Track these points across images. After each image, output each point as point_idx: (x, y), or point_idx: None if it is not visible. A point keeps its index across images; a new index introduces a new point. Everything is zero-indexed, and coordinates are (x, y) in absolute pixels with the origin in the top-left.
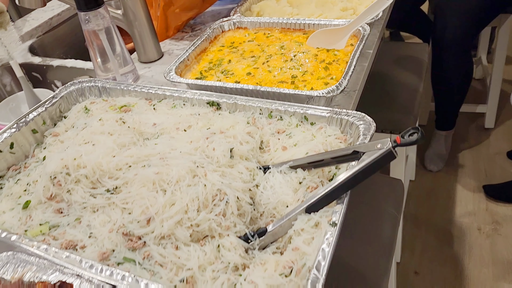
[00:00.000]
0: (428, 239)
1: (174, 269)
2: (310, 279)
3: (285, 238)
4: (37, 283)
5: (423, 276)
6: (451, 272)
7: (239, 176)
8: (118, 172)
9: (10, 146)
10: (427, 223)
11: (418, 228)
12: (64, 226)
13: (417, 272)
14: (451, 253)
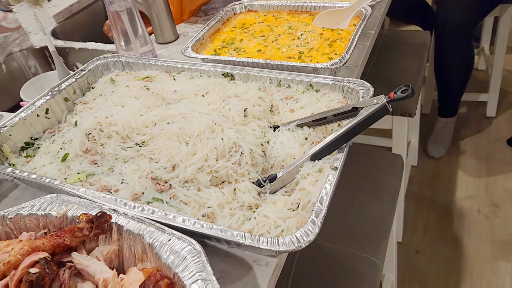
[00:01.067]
0: (429, 220)
1: (196, 206)
2: (314, 211)
3: (292, 184)
4: (80, 215)
5: (424, 254)
6: (451, 251)
7: (252, 133)
8: (145, 129)
9: (45, 111)
10: (428, 205)
11: (419, 210)
12: (99, 174)
13: (418, 251)
14: (451, 233)
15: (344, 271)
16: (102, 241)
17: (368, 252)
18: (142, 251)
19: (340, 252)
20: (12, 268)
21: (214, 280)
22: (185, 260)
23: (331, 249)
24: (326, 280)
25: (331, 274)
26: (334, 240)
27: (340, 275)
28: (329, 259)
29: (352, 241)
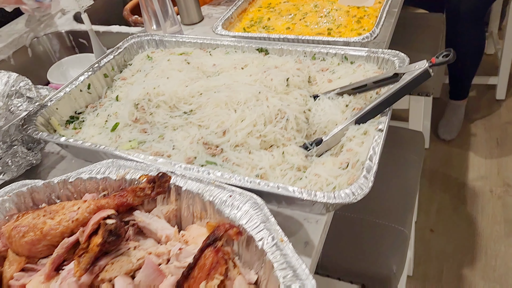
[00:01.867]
0: (443, 201)
1: (249, 168)
2: (365, 167)
3: (337, 147)
4: (141, 176)
5: (438, 233)
6: (465, 230)
7: (295, 101)
8: (191, 99)
9: (88, 86)
10: (441, 186)
11: (433, 191)
12: (150, 142)
13: (433, 230)
14: (465, 213)
15: (374, 241)
16: (160, 202)
17: (397, 222)
18: (201, 210)
19: (369, 223)
20: (80, 226)
21: (279, 229)
22: (248, 213)
23: (361, 220)
24: (356, 251)
25: (361, 245)
26: (363, 212)
27: (371, 245)
28: (359, 230)
29: (381, 213)
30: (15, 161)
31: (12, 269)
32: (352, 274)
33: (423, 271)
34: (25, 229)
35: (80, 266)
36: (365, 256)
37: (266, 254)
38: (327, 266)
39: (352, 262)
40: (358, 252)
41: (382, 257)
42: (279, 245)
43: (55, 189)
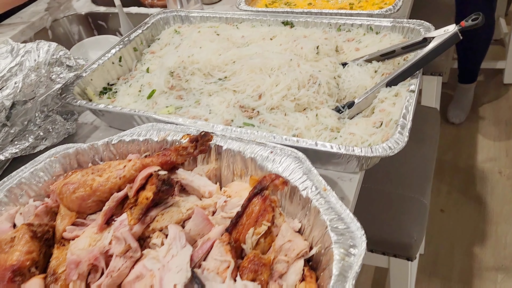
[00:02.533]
0: (453, 182)
1: (285, 129)
2: (399, 125)
3: (368, 110)
4: (183, 135)
5: (449, 213)
6: (475, 210)
7: (325, 68)
8: (225, 66)
9: (119, 59)
10: (451, 168)
11: (442, 173)
12: (186, 107)
13: (443, 210)
14: (475, 193)
15: (395, 211)
16: (200, 162)
17: (416, 193)
18: (242, 167)
19: (390, 194)
20: (127, 182)
21: (322, 179)
22: (290, 167)
23: (382, 191)
24: (378, 220)
25: (382, 214)
26: (384, 183)
27: (391, 215)
28: (380, 201)
29: (401, 184)
30: (55, 128)
31: (64, 223)
32: (373, 243)
33: (434, 249)
34: (75, 185)
35: (133, 216)
36: (386, 225)
37: (311, 202)
38: None
39: (373, 231)
40: (379, 222)
41: (402, 226)
42: (322, 194)
43: (98, 151)
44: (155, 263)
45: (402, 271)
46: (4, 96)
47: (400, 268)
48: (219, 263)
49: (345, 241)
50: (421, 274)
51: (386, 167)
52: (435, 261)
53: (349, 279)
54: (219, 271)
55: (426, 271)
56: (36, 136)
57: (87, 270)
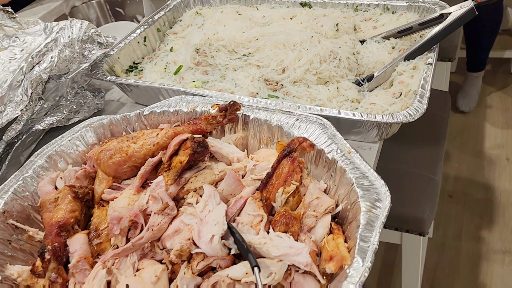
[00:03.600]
0: (461, 168)
1: (308, 100)
2: (418, 94)
3: (387, 83)
4: (213, 105)
5: (457, 198)
6: (483, 195)
7: (345, 44)
8: (249, 43)
9: (144, 39)
10: (459, 155)
11: (450, 160)
12: (212, 81)
13: (451, 195)
14: (483, 179)
15: (408, 188)
16: (227, 132)
17: (428, 171)
18: (268, 136)
19: (402, 172)
20: (160, 149)
21: (346, 143)
22: (316, 132)
23: (395, 170)
24: (392, 198)
25: (395, 191)
26: (397, 162)
27: (404, 192)
28: (393, 178)
29: (413, 163)
30: (86, 103)
31: (102, 186)
32: (386, 219)
33: (442, 233)
34: (112, 152)
35: (169, 177)
36: (399, 201)
37: (337, 162)
38: None
39: None
40: (393, 198)
41: (415, 202)
42: (347, 156)
43: (130, 122)
44: (192, 219)
45: (414, 247)
46: (42, 70)
47: (412, 244)
48: (253, 218)
49: (371, 196)
50: (429, 257)
51: (399, 147)
52: (443, 244)
53: (376, 228)
54: (252, 225)
55: (434, 254)
56: (69, 109)
57: (128, 225)
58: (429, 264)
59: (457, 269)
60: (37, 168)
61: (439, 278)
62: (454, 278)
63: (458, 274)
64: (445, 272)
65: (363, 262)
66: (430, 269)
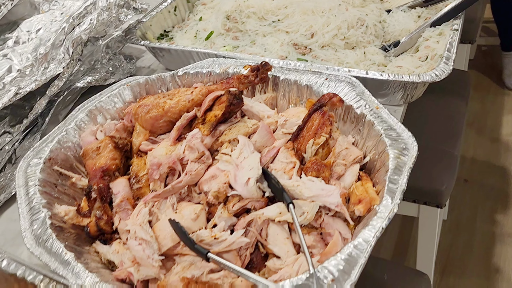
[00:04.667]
0: (477, 154)
1: (336, 63)
2: (444, 56)
3: (412, 49)
4: (245, 66)
5: (472, 183)
6: (499, 180)
7: (371, 12)
8: (278, 11)
9: (174, 8)
10: (475, 141)
11: (467, 145)
12: (243, 46)
13: (467, 180)
14: (499, 165)
15: (427, 161)
16: (258, 92)
17: (447, 145)
18: (297, 95)
19: (422, 146)
20: (194, 106)
21: (374, 99)
22: (344, 90)
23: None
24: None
25: (416, 164)
26: (417, 136)
27: (423, 164)
28: None
29: (433, 138)
30: (121, 66)
31: (139, 139)
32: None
33: (456, 216)
34: (149, 107)
35: (205, 128)
36: (418, 174)
37: (365, 116)
38: None
39: None
40: (412, 171)
41: (434, 174)
42: (375, 111)
43: (165, 82)
44: (228, 165)
45: (431, 219)
46: (82, 31)
47: (429, 216)
48: (285, 165)
49: (398, 145)
50: (443, 239)
51: (419, 120)
52: (457, 226)
53: (404, 172)
54: (285, 171)
55: (448, 236)
56: (106, 71)
57: (166, 172)
58: (443, 245)
59: (471, 250)
60: (78, 121)
61: (453, 259)
62: (468, 259)
63: (472, 255)
64: (459, 253)
65: (392, 200)
66: (444, 250)
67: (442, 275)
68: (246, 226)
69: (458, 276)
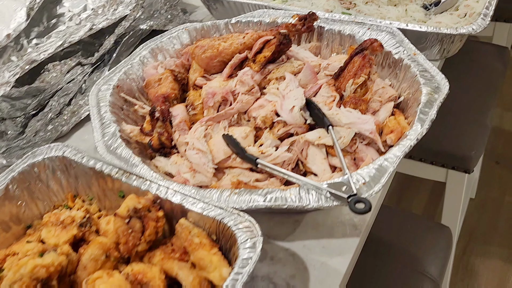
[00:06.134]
0: (510, 136)
1: (379, 17)
2: (482, 13)
3: (452, 9)
4: (293, 15)
5: (503, 165)
6: None
7: None
8: None
9: None
10: (509, 122)
11: (501, 127)
12: (291, 0)
13: (498, 162)
14: None
15: (457, 127)
16: (303, 41)
17: (478, 113)
18: (340, 44)
19: (453, 112)
20: (246, 48)
21: (413, 47)
22: (385, 38)
23: (445, 107)
24: (440, 134)
25: (445, 129)
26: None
27: (454, 130)
28: (443, 117)
29: (465, 107)
30: (178, 15)
31: (195, 75)
32: (434, 155)
33: (485, 195)
34: (205, 47)
35: (255, 65)
36: (448, 138)
37: (402, 61)
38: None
39: (435, 143)
40: (442, 135)
41: (463, 140)
42: (412, 57)
43: (219, 28)
44: (275, 97)
45: (459, 184)
46: None
47: (457, 181)
48: (326, 98)
49: (431, 84)
50: (469, 217)
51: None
52: (484, 205)
53: (435, 105)
54: (326, 103)
55: (474, 215)
56: (165, 18)
57: (219, 100)
58: (468, 223)
59: (496, 227)
60: (142, 57)
61: (477, 234)
62: (492, 235)
63: (496, 235)
64: (484, 229)
65: (422, 126)
66: (468, 227)
67: (464, 252)
68: (289, 146)
69: (480, 254)
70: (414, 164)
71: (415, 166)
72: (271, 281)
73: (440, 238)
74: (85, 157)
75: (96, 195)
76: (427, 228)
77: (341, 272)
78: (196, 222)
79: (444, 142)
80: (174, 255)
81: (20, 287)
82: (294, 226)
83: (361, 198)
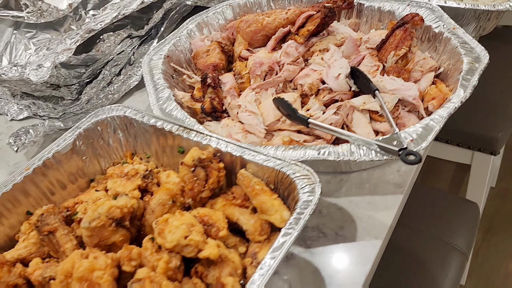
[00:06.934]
0: None
1: None
2: None
3: None
4: None
5: None
6: None
7: None
8: None
9: None
10: None
11: None
12: None
13: None
14: None
15: (484, 109)
16: (343, 17)
17: (504, 96)
18: (379, 20)
19: (481, 97)
20: (288, 24)
21: (453, 22)
22: (425, 14)
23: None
24: (466, 115)
25: (471, 110)
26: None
27: (480, 111)
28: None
29: (493, 90)
30: None
31: (240, 48)
32: (460, 136)
33: (505, 185)
34: (250, 22)
35: (300, 37)
36: (474, 120)
37: (442, 34)
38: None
39: (461, 125)
40: (468, 117)
41: (490, 122)
42: (452, 31)
43: (261, 5)
44: (320, 66)
45: (484, 166)
46: None
47: (482, 163)
48: (370, 67)
49: (472, 55)
50: (488, 205)
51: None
52: (505, 194)
53: (476, 73)
54: (370, 72)
55: (494, 203)
56: None
57: (266, 70)
58: (487, 211)
59: None
60: (189, 30)
61: (497, 220)
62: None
63: None
64: (504, 217)
65: (465, 91)
66: (488, 215)
67: (483, 240)
68: (335, 110)
69: (499, 241)
70: (440, 146)
71: (441, 148)
72: (321, 231)
73: (468, 212)
74: (146, 116)
75: (154, 152)
76: (455, 203)
77: (387, 224)
78: (255, 173)
79: (470, 124)
80: (235, 201)
81: (98, 224)
82: (340, 184)
83: (411, 151)
